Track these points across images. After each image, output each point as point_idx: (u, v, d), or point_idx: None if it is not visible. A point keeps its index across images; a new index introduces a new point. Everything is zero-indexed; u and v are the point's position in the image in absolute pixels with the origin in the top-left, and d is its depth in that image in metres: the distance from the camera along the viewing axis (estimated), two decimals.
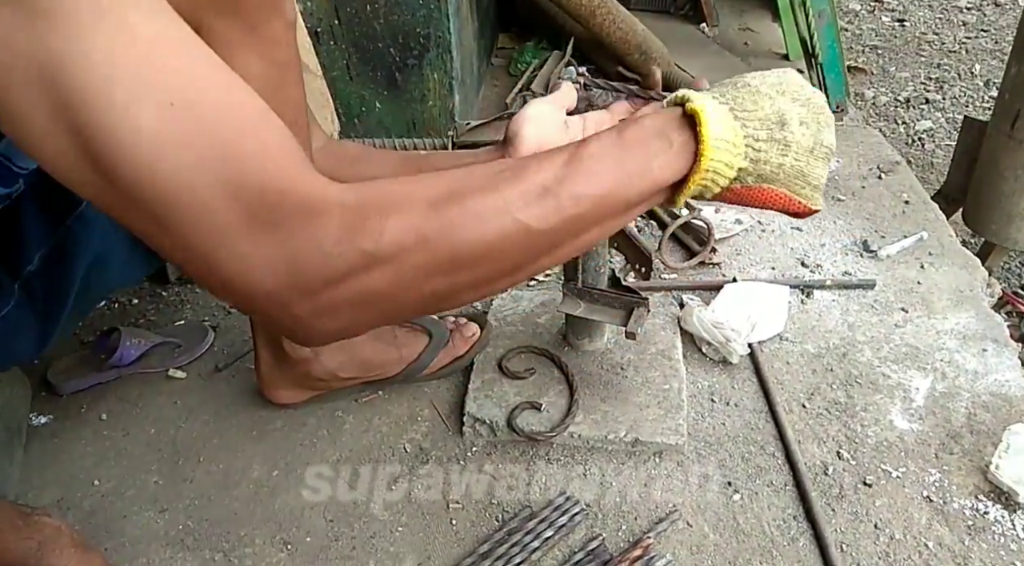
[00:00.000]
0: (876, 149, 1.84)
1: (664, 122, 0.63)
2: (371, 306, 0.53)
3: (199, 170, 0.46)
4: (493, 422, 1.08)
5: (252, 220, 0.47)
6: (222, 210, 0.47)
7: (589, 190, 0.58)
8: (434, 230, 0.52)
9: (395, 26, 1.64)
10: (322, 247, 0.49)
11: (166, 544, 0.98)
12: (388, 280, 0.52)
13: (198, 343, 1.27)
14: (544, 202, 0.56)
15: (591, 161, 0.58)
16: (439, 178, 0.55)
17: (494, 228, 0.54)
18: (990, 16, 3.56)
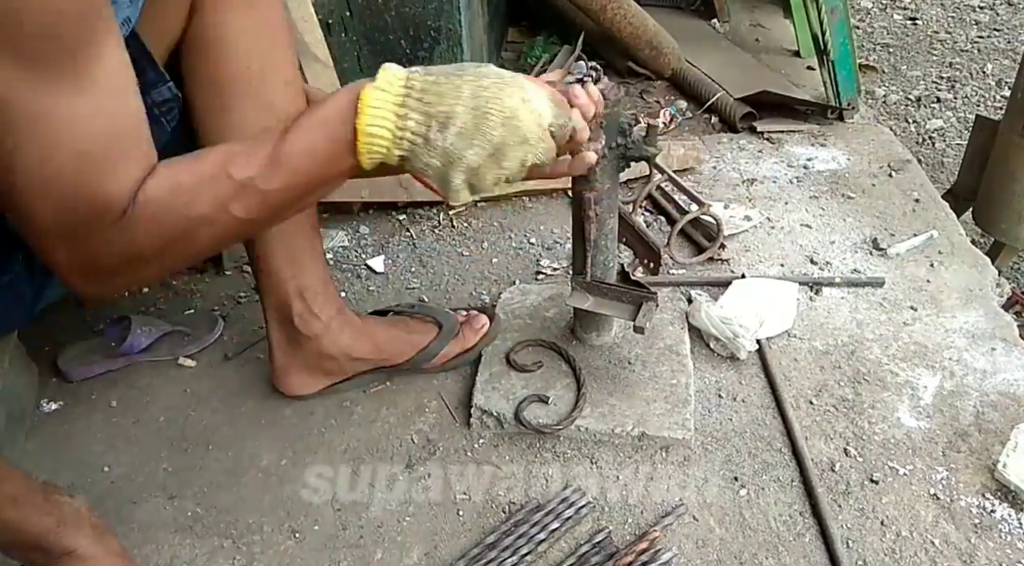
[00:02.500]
0: (887, 147, 1.83)
1: (343, 106, 0.68)
2: (135, 282, 0.80)
3: (53, 197, 0.62)
4: (500, 414, 1.09)
5: (67, 232, 0.64)
6: (52, 221, 0.63)
7: (286, 182, 0.69)
8: (178, 235, 0.68)
9: (406, 18, 1.64)
10: (106, 254, 0.66)
11: (175, 530, 0.99)
12: (149, 268, 0.71)
13: (207, 332, 1.28)
14: (252, 199, 0.68)
15: (288, 159, 0.68)
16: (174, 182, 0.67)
17: (219, 226, 0.69)
18: (1003, 15, 3.54)
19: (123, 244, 0.66)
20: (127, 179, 0.64)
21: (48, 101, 0.59)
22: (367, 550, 0.96)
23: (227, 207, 0.68)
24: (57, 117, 0.59)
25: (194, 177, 0.68)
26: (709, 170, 1.74)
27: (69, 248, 0.65)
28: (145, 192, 0.65)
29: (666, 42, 2.12)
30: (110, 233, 0.65)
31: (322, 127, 0.69)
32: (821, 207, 1.60)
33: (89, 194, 0.63)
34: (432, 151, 0.69)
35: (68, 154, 0.61)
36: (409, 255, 1.49)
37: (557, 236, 1.52)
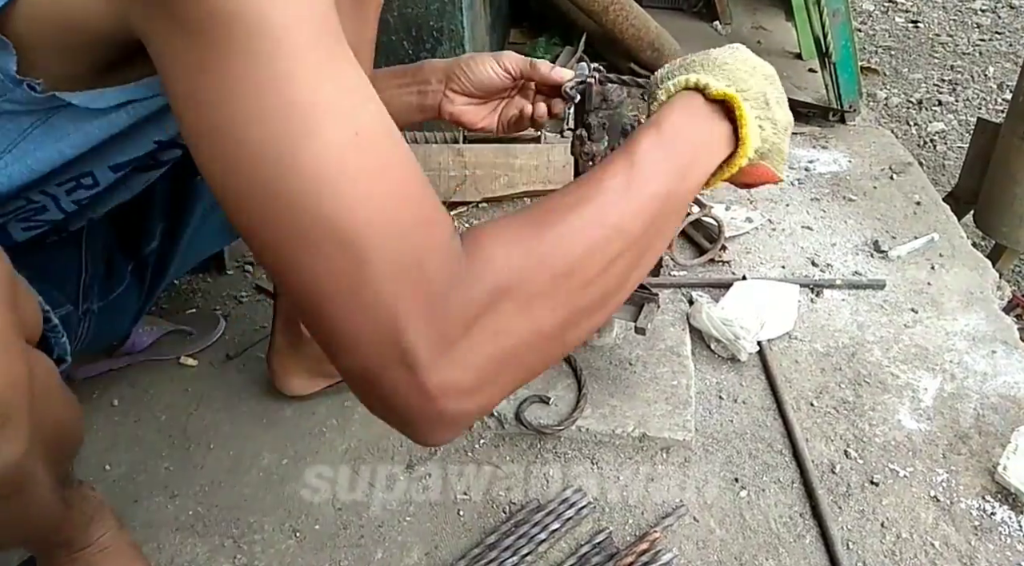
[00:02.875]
0: (888, 150, 1.83)
1: (696, 113, 0.65)
2: (506, 348, 0.49)
3: (378, 203, 0.45)
4: (501, 415, 1.09)
5: (407, 266, 0.45)
6: (395, 246, 0.45)
7: (657, 188, 0.59)
8: (544, 251, 0.51)
9: (408, 19, 1.65)
10: (457, 295, 0.47)
11: (176, 529, 0.99)
12: (518, 313, 0.49)
13: (209, 332, 1.28)
14: (626, 205, 0.56)
15: (649, 163, 0.59)
16: (527, 211, 0.55)
17: (594, 236, 0.54)
18: (1005, 19, 3.54)
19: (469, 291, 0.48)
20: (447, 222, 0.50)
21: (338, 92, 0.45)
22: (368, 550, 0.96)
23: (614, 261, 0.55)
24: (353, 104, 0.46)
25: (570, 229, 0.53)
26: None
27: (418, 298, 0.45)
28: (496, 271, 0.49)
29: (668, 44, 2.12)
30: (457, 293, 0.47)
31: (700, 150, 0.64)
32: (822, 209, 1.60)
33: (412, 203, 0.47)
34: (775, 128, 0.68)
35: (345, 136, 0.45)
36: None
37: None
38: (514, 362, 0.50)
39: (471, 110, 0.97)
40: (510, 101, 0.99)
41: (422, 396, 0.46)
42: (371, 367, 0.46)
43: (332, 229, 0.44)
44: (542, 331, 0.51)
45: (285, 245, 0.45)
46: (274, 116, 0.43)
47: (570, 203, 0.55)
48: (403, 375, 0.46)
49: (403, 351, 0.45)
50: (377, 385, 0.47)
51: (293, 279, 0.46)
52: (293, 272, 0.46)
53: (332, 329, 0.46)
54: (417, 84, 0.96)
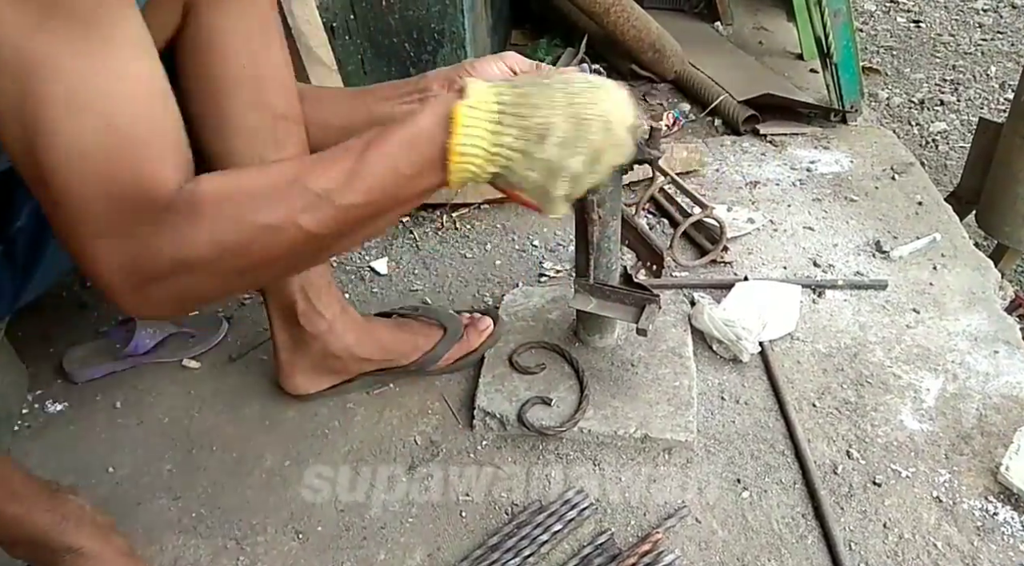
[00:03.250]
0: (890, 150, 1.83)
1: (431, 125, 0.66)
2: (184, 299, 0.66)
3: (91, 174, 0.58)
4: (503, 416, 1.09)
5: (111, 223, 0.59)
6: (95, 209, 0.59)
7: (365, 199, 0.65)
8: (237, 243, 0.63)
9: (410, 21, 1.65)
10: (153, 255, 0.61)
11: (179, 531, 1.00)
12: (200, 281, 0.64)
13: (212, 334, 1.28)
14: (325, 212, 0.64)
15: (369, 173, 0.65)
16: (241, 185, 0.65)
17: (284, 238, 0.64)
18: (1007, 18, 3.54)
19: (172, 243, 0.61)
20: (167, 166, 0.61)
21: (71, 58, 0.55)
22: (370, 551, 0.97)
23: (297, 218, 0.63)
24: (82, 76, 0.56)
25: (263, 182, 0.64)
26: (712, 173, 1.74)
27: (111, 243, 0.60)
28: (202, 187, 0.62)
29: (669, 45, 2.12)
30: (157, 228, 0.60)
31: (408, 145, 0.66)
32: (824, 210, 1.60)
33: (128, 174, 0.59)
34: (532, 164, 0.67)
35: (98, 122, 0.57)
36: (412, 257, 1.49)
37: (560, 238, 1.53)
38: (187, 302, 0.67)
39: None
40: None
41: (122, 305, 0.64)
42: (91, 281, 0.63)
43: (61, 193, 0.58)
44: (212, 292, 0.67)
45: (34, 188, 0.60)
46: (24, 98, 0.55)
47: (276, 193, 0.64)
48: (106, 290, 0.63)
49: (108, 284, 0.62)
50: (99, 288, 0.63)
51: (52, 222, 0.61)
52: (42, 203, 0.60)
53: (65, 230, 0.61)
54: (418, 92, 0.96)
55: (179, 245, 0.61)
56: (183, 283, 0.63)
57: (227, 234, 0.62)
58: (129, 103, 0.59)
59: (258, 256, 0.64)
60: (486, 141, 0.66)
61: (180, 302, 0.66)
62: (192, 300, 0.67)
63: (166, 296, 0.64)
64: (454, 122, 0.65)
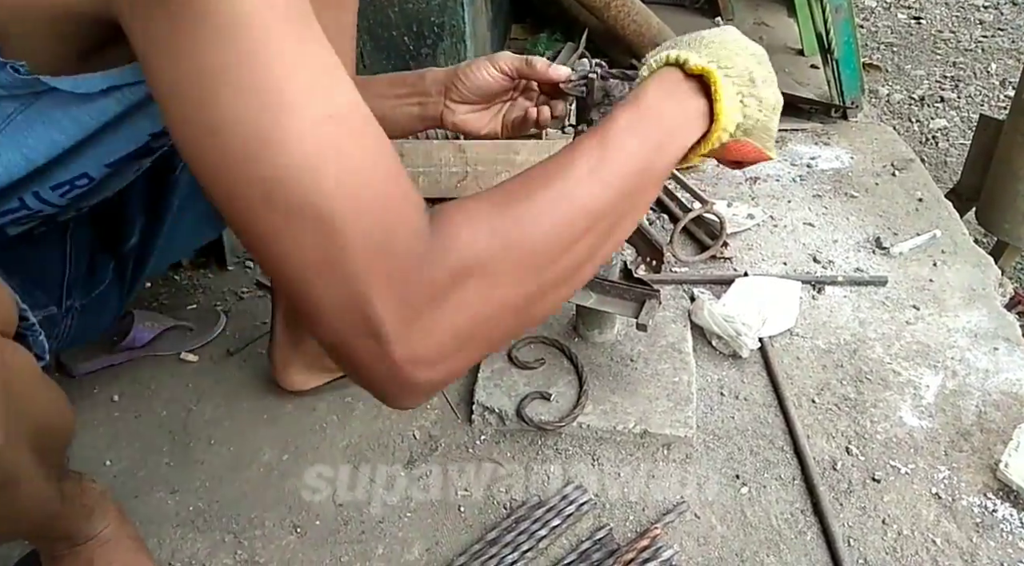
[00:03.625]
0: (890, 146, 1.83)
1: (672, 88, 0.65)
2: (471, 321, 0.51)
3: (349, 180, 0.46)
4: (502, 411, 1.09)
5: (377, 242, 0.47)
6: (366, 222, 0.46)
7: (628, 167, 0.59)
8: (508, 229, 0.52)
9: (410, 14, 1.64)
10: (424, 270, 0.49)
11: (177, 525, 0.99)
12: (483, 288, 0.51)
13: (210, 327, 1.28)
14: (593, 183, 0.57)
15: (621, 140, 0.60)
16: (495, 189, 0.56)
17: (559, 215, 0.55)
18: (1007, 15, 3.53)
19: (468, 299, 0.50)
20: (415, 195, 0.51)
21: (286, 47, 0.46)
22: (368, 546, 0.96)
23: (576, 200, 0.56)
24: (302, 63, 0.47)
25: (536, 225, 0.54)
26: (712, 168, 1.73)
27: (386, 273, 0.47)
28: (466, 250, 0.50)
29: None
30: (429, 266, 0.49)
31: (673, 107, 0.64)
32: (824, 206, 1.60)
33: (387, 180, 0.49)
34: (760, 106, 0.68)
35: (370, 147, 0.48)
36: None
37: None
38: (478, 335, 0.52)
39: (473, 118, 0.96)
40: (513, 103, 0.98)
41: (389, 365, 0.49)
42: (341, 336, 0.49)
43: (305, 206, 0.45)
44: (506, 306, 0.53)
45: (260, 220, 0.46)
46: (249, 98, 0.45)
47: (539, 181, 0.56)
48: (371, 345, 0.48)
49: (371, 323, 0.47)
50: (348, 352, 0.50)
51: (268, 252, 0.48)
52: (268, 246, 0.47)
53: (305, 300, 0.48)
54: (417, 95, 0.96)
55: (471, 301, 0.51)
56: (461, 299, 0.50)
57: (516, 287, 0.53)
58: (357, 105, 0.49)
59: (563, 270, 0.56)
60: (733, 90, 0.66)
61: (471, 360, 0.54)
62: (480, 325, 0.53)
63: (462, 357, 0.53)
64: (713, 75, 0.64)
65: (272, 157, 0.45)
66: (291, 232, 0.46)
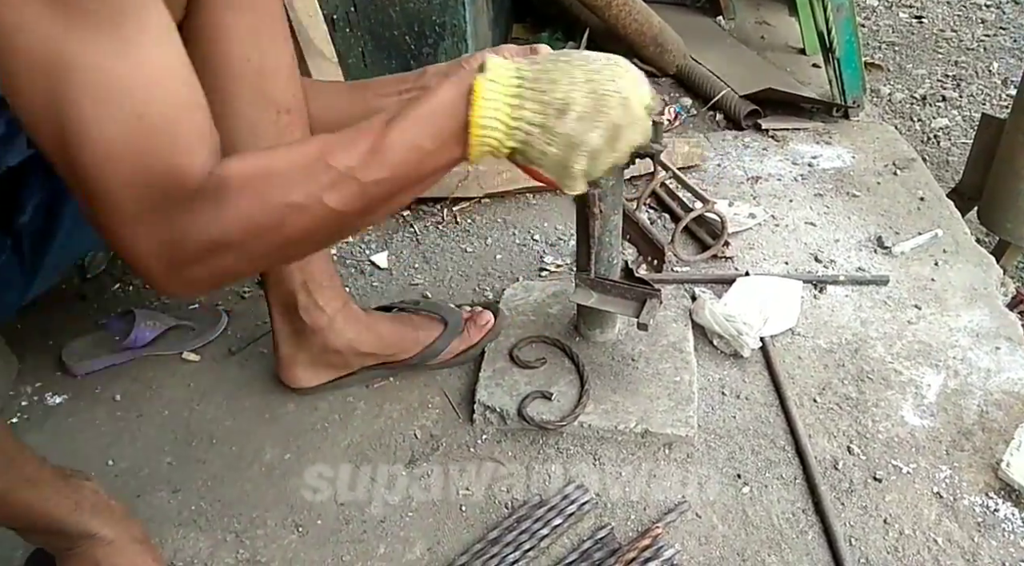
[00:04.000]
0: (892, 146, 1.82)
1: (452, 98, 0.67)
2: (219, 277, 0.68)
3: (125, 165, 0.59)
4: (503, 410, 1.09)
5: (146, 210, 0.60)
6: (130, 197, 0.60)
7: (389, 174, 0.66)
8: (266, 222, 0.64)
9: (411, 14, 1.64)
10: (188, 238, 0.62)
11: (179, 524, 1.00)
12: (232, 260, 0.65)
13: (212, 327, 1.28)
14: (349, 188, 0.65)
15: (391, 149, 0.65)
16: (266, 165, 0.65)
17: (311, 216, 0.65)
18: (1009, 14, 3.52)
19: (205, 225, 0.62)
20: (197, 152, 0.62)
21: (98, 54, 0.56)
22: (370, 545, 0.96)
23: (322, 196, 0.65)
24: (109, 72, 0.57)
25: (288, 162, 0.65)
26: (713, 167, 1.73)
27: (147, 230, 0.61)
28: (229, 171, 0.63)
29: (671, 39, 2.11)
30: (191, 211, 0.62)
31: (429, 119, 0.67)
32: (826, 205, 1.60)
33: (160, 163, 0.60)
34: (552, 139, 0.68)
35: (128, 115, 0.58)
36: (413, 251, 1.49)
37: (561, 233, 1.52)
38: (222, 279, 0.69)
39: None
40: None
41: (159, 288, 0.67)
42: (126, 261, 0.65)
43: (96, 181, 0.59)
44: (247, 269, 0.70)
45: (68, 180, 0.60)
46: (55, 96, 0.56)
47: (301, 174, 0.65)
48: (144, 274, 0.65)
49: (138, 265, 0.64)
50: (136, 273, 0.66)
51: (84, 209, 0.62)
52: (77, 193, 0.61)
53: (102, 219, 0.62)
54: (419, 90, 0.96)
55: (211, 227, 0.62)
56: (217, 263, 0.65)
57: (255, 214, 0.63)
58: (157, 92, 0.59)
59: (286, 235, 0.66)
60: (506, 114, 0.67)
61: (215, 281, 0.68)
62: (226, 278, 0.69)
63: (201, 276, 0.66)
64: (474, 95, 0.66)
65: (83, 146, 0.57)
66: (93, 202, 0.60)
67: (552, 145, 0.68)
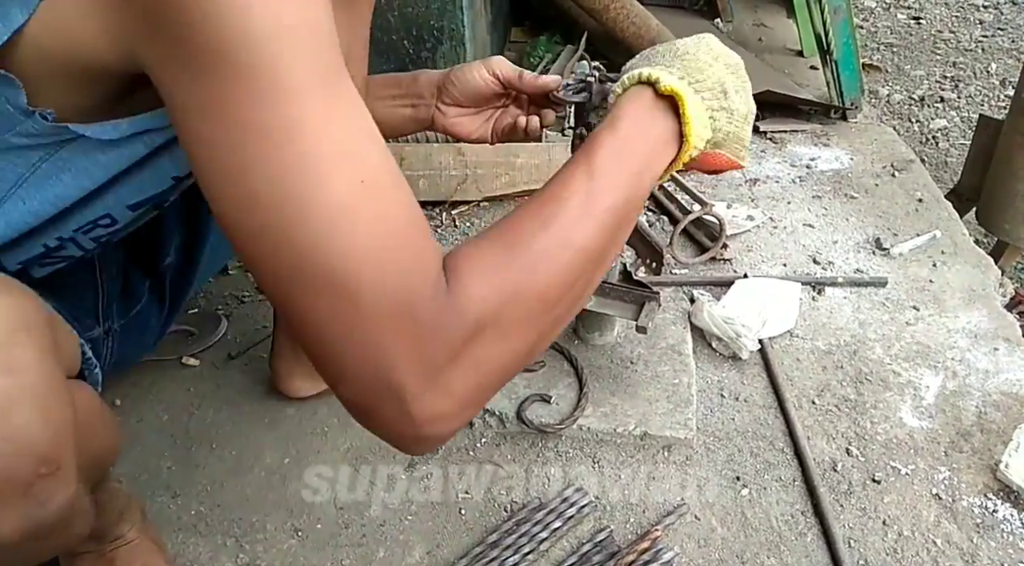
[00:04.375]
0: (890, 147, 1.83)
1: (645, 111, 0.66)
2: (487, 374, 0.54)
3: (375, 249, 0.47)
4: (502, 414, 1.09)
5: (399, 307, 0.48)
6: (389, 289, 0.48)
7: (615, 200, 0.61)
8: (516, 282, 0.54)
9: (409, 18, 1.65)
10: (443, 331, 0.50)
11: (179, 529, 1.00)
12: (497, 341, 0.53)
13: (211, 332, 1.28)
14: (587, 222, 0.58)
15: (606, 173, 0.61)
16: (496, 234, 0.57)
17: (564, 262, 0.56)
18: (1007, 15, 3.53)
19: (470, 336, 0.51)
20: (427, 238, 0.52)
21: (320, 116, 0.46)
22: (369, 549, 0.97)
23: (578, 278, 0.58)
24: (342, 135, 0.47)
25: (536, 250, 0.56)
26: None
27: (408, 337, 0.48)
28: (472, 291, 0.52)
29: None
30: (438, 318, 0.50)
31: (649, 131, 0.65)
32: (824, 207, 1.60)
33: (411, 255, 0.49)
34: (731, 117, 0.70)
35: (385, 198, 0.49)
36: None
37: None
38: (493, 383, 0.55)
39: (464, 121, 0.97)
40: (504, 110, 0.99)
41: (411, 424, 0.51)
42: (364, 399, 0.51)
43: (331, 274, 0.47)
44: (518, 353, 0.55)
45: (287, 284, 0.48)
46: (282, 164, 0.45)
47: (536, 224, 0.57)
48: (394, 406, 0.50)
49: (393, 386, 0.49)
50: (371, 412, 0.51)
51: (294, 315, 0.49)
52: (294, 309, 0.49)
53: (329, 362, 0.50)
54: (411, 97, 0.97)
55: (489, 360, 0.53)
56: (480, 352, 0.52)
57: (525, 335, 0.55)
58: (387, 167, 0.50)
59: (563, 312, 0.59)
60: (701, 107, 0.67)
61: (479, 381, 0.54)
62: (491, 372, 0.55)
63: (476, 403, 0.55)
64: (682, 95, 0.65)
65: (299, 229, 0.46)
66: (314, 299, 0.47)
67: (732, 123, 0.70)
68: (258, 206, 0.46)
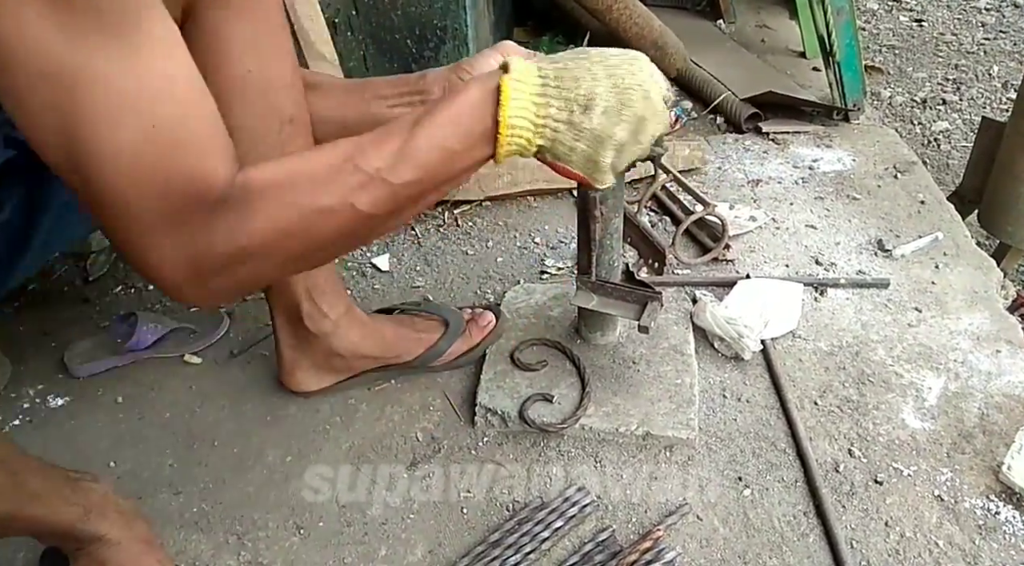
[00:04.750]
0: (892, 149, 1.83)
1: (480, 99, 0.68)
2: (246, 284, 0.67)
3: (142, 176, 0.58)
4: (505, 413, 1.09)
5: (167, 221, 0.59)
6: (149, 209, 0.59)
7: (418, 175, 0.66)
8: (294, 228, 0.64)
9: (412, 18, 1.65)
10: (212, 247, 0.61)
11: (180, 526, 1.00)
12: (257, 268, 0.65)
13: (213, 329, 1.28)
14: (379, 190, 0.65)
15: (419, 150, 0.66)
16: (292, 170, 0.65)
17: (340, 219, 0.65)
18: (1009, 17, 3.53)
19: (231, 234, 0.61)
20: (216, 160, 0.61)
21: (105, 65, 0.54)
22: (371, 547, 0.97)
23: (351, 199, 0.64)
24: (118, 82, 0.55)
25: (314, 167, 0.65)
26: (714, 171, 1.74)
27: (169, 242, 0.60)
28: (254, 177, 0.62)
29: (671, 42, 2.12)
30: (213, 222, 0.60)
31: (457, 120, 0.67)
32: (826, 208, 1.60)
33: (179, 174, 0.59)
34: (579, 134, 0.69)
35: (142, 125, 0.57)
36: (414, 254, 1.49)
37: (562, 235, 1.53)
38: (246, 289, 0.69)
39: None
40: None
41: (178, 296, 0.65)
42: (146, 279, 0.66)
43: (108, 192, 0.58)
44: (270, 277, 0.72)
45: (91, 204, 0.59)
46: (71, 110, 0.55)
47: (328, 175, 0.65)
48: (160, 284, 0.64)
49: (160, 278, 0.62)
50: (154, 284, 0.65)
51: (97, 220, 0.61)
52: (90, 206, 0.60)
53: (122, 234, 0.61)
54: (420, 94, 0.96)
55: (236, 236, 0.62)
56: (243, 271, 0.64)
57: (282, 220, 0.63)
58: (170, 102, 0.58)
59: (314, 239, 0.65)
60: (532, 113, 0.68)
61: (240, 289, 0.68)
62: (252, 286, 0.68)
63: (227, 285, 0.65)
64: (502, 95, 0.67)
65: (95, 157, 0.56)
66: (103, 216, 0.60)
67: (580, 141, 0.70)
68: (50, 145, 0.56)
